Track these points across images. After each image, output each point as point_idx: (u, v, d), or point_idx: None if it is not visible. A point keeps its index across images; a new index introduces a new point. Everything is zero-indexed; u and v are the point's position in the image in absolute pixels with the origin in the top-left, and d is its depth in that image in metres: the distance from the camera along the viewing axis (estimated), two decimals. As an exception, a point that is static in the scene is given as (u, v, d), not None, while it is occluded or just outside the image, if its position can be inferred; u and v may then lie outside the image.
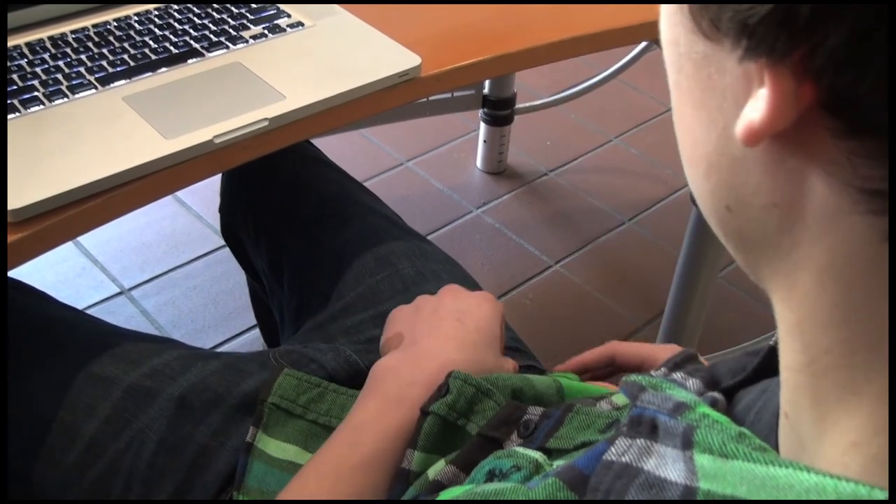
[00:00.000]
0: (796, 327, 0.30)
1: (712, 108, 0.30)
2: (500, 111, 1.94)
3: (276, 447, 0.69)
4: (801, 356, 0.30)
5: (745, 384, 0.42)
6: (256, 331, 1.54)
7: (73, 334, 0.79)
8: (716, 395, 0.39)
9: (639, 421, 0.35)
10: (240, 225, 1.02)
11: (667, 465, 0.31)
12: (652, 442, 0.33)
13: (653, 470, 0.32)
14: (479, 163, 2.03)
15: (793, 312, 0.30)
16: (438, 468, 0.54)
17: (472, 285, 0.88)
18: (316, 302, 0.89)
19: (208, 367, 0.76)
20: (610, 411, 0.51)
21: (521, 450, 0.45)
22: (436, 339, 0.65)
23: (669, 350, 0.73)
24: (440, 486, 0.53)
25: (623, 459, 0.33)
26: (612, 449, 0.34)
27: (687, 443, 0.31)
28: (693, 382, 0.40)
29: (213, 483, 0.70)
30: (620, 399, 0.53)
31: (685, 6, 0.29)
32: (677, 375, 0.42)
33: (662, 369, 0.44)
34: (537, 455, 0.44)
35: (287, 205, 0.96)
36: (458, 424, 0.58)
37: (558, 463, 0.43)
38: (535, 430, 0.53)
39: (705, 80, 0.30)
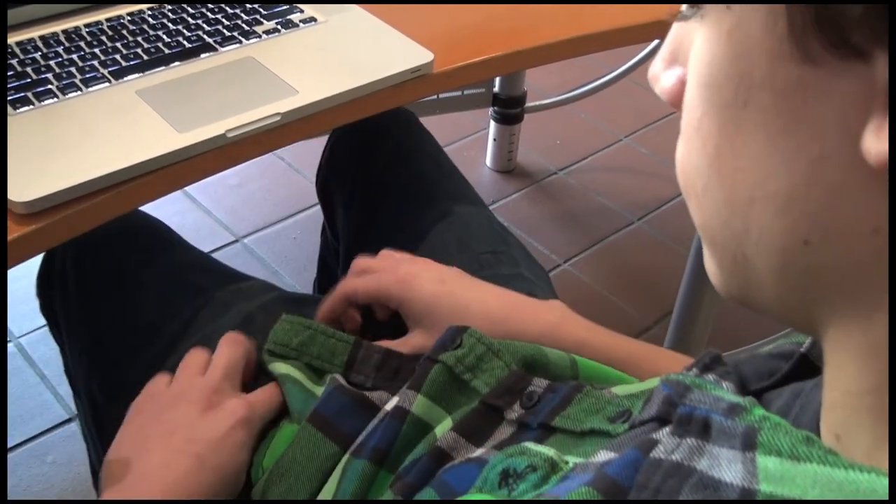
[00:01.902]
0: (870, 350, 0.29)
1: (803, 137, 0.28)
2: (510, 110, 1.93)
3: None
4: (871, 379, 0.30)
5: (774, 387, 0.41)
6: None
7: (185, 246, 0.89)
8: (751, 399, 0.39)
9: (688, 420, 0.34)
10: (338, 182, 1.02)
11: (721, 466, 0.31)
12: (704, 442, 0.32)
13: (706, 470, 0.31)
14: (488, 161, 2.03)
15: (866, 336, 0.30)
16: (445, 427, 0.55)
17: (544, 279, 0.88)
18: None
19: (284, 298, 0.82)
20: (620, 399, 0.51)
21: (532, 446, 0.45)
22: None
23: (402, 287, 0.73)
24: (442, 453, 0.53)
25: (673, 458, 0.33)
26: (660, 447, 0.34)
27: (748, 444, 0.30)
28: (727, 385, 0.39)
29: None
30: (635, 388, 0.53)
31: (777, 33, 0.28)
32: (710, 377, 0.41)
33: (694, 370, 0.43)
34: (551, 453, 0.43)
35: (385, 173, 0.96)
36: (464, 379, 0.58)
37: (574, 461, 0.42)
38: (538, 402, 0.54)
39: (795, 109, 0.28)
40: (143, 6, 0.89)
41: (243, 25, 0.87)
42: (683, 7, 0.33)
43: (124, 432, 0.65)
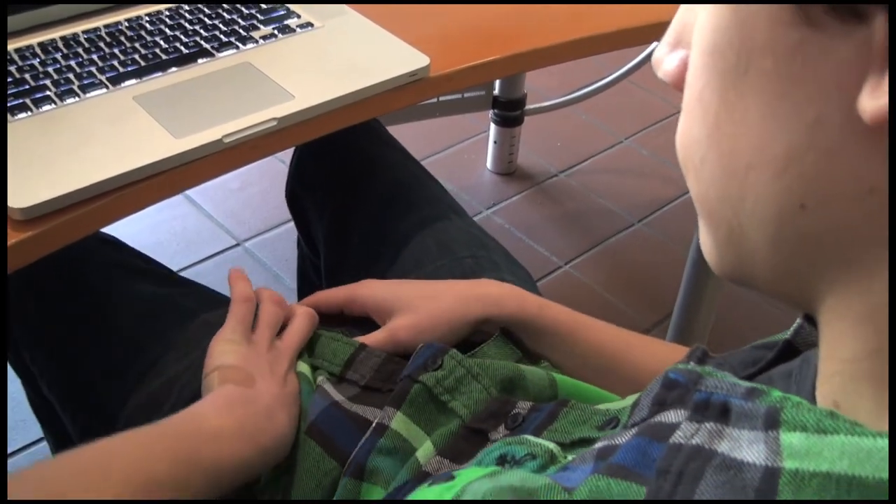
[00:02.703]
0: (869, 313, 0.30)
1: (801, 100, 0.29)
2: (510, 112, 1.94)
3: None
4: (871, 342, 0.30)
5: (759, 373, 0.42)
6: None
7: (168, 272, 0.90)
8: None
9: (706, 405, 0.34)
10: (308, 194, 1.03)
11: (742, 447, 0.31)
12: (723, 426, 0.33)
13: (727, 452, 0.31)
14: (489, 163, 2.03)
15: (863, 300, 0.30)
16: (428, 452, 0.55)
17: (528, 281, 0.88)
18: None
19: None
20: (606, 409, 0.51)
21: (532, 438, 0.45)
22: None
23: (367, 286, 0.76)
24: (427, 476, 0.53)
25: (693, 442, 0.33)
26: (679, 433, 0.34)
27: (772, 423, 0.31)
28: (730, 376, 0.40)
29: None
30: (619, 404, 0.53)
31: None
32: (708, 368, 0.42)
33: (692, 363, 0.44)
34: (552, 445, 0.43)
35: (359, 182, 0.97)
36: (442, 400, 0.59)
37: (572, 455, 0.42)
38: (522, 423, 0.54)
39: (794, 72, 0.29)
40: (142, 12, 0.89)
41: (240, 31, 0.87)
42: None
43: (233, 354, 0.68)
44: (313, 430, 0.64)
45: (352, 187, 0.97)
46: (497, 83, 1.91)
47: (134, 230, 1.78)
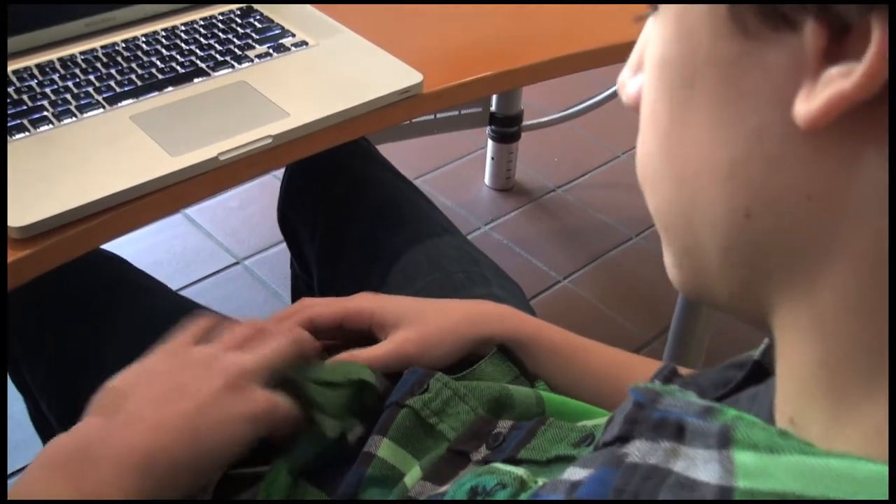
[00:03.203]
0: (817, 323, 0.30)
1: (742, 109, 0.30)
2: (507, 128, 1.95)
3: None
4: (818, 353, 0.31)
5: (729, 395, 0.42)
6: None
7: (161, 291, 0.87)
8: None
9: (662, 424, 0.34)
10: (298, 214, 1.03)
11: (696, 466, 0.31)
12: (678, 444, 0.33)
13: (682, 471, 0.31)
14: (487, 179, 2.04)
15: (811, 310, 0.31)
16: (415, 477, 0.55)
17: (519, 296, 0.89)
18: None
19: None
20: (584, 426, 0.51)
21: (502, 466, 0.45)
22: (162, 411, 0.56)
23: (370, 298, 0.72)
24: (411, 502, 0.53)
25: (649, 461, 0.33)
26: (636, 452, 0.34)
27: (724, 442, 0.31)
28: (690, 395, 0.40)
29: None
30: (599, 420, 0.53)
31: (718, 11, 0.30)
32: (675, 386, 0.42)
33: (657, 381, 0.44)
34: (521, 471, 0.43)
35: (349, 201, 0.97)
36: (430, 423, 0.59)
37: (542, 479, 0.43)
38: (503, 442, 0.54)
39: (734, 82, 0.30)
40: (138, 32, 0.90)
41: (236, 50, 0.88)
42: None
43: (139, 367, 0.60)
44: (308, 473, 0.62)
45: (342, 206, 0.97)
46: (494, 100, 1.92)
47: (133, 250, 1.79)
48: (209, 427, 0.55)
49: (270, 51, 0.89)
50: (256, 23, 0.93)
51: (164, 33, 0.90)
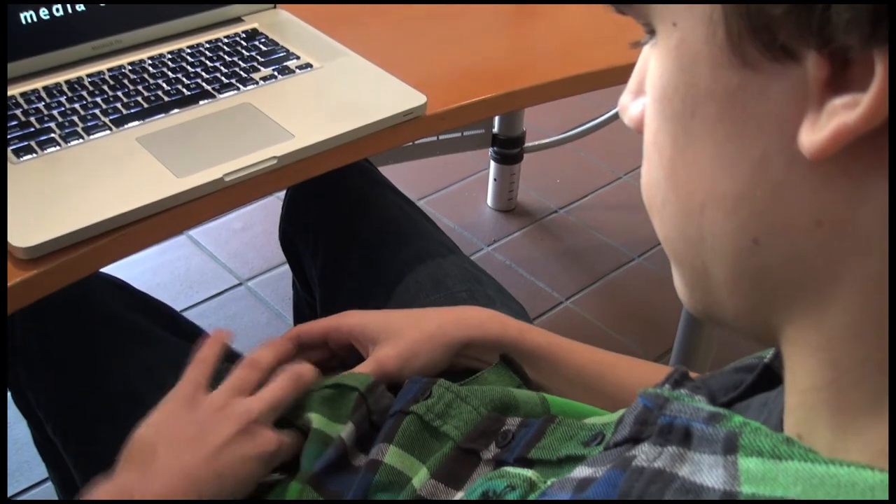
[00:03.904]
0: (824, 344, 0.31)
1: (745, 140, 0.30)
2: (509, 150, 1.96)
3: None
4: (826, 373, 0.31)
5: (740, 399, 0.42)
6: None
7: (174, 315, 0.90)
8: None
9: (669, 429, 0.35)
10: (300, 234, 1.04)
11: (702, 471, 0.31)
12: (685, 449, 0.33)
13: (688, 476, 0.32)
14: (489, 201, 2.05)
15: (819, 331, 0.31)
16: (422, 478, 0.55)
17: (522, 314, 0.89)
18: None
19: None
20: (593, 424, 0.52)
21: (512, 469, 0.45)
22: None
23: (352, 315, 0.74)
24: (423, 502, 0.54)
25: (655, 465, 0.33)
26: (642, 455, 0.34)
27: (730, 447, 0.31)
28: (700, 399, 0.40)
29: None
30: (606, 418, 0.53)
31: (717, 42, 0.30)
32: (684, 391, 0.42)
33: (666, 386, 0.44)
34: (530, 473, 0.44)
35: (351, 221, 0.98)
36: (434, 426, 0.59)
37: (552, 480, 0.43)
38: (512, 440, 0.54)
39: (737, 113, 0.30)
40: (144, 55, 0.91)
41: (241, 73, 0.89)
42: (643, 38, 0.36)
43: (159, 417, 0.66)
44: (313, 477, 0.63)
45: (345, 227, 0.98)
46: (496, 121, 1.93)
47: (137, 271, 1.80)
48: (228, 468, 0.62)
49: (275, 73, 0.90)
50: (261, 45, 0.94)
51: (169, 56, 0.91)
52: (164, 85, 0.87)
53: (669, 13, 0.32)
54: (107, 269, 0.80)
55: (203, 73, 0.89)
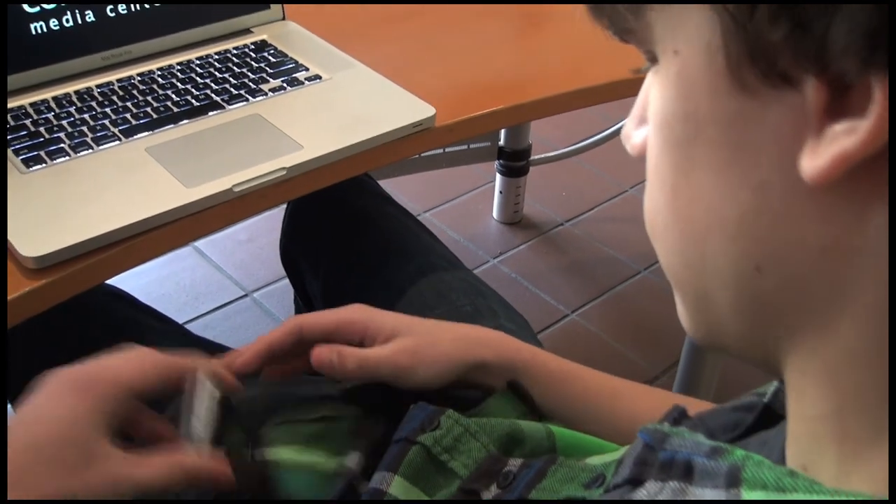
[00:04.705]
0: (826, 369, 0.31)
1: (746, 166, 0.30)
2: (515, 162, 1.96)
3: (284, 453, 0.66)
4: (830, 401, 0.31)
5: (739, 439, 0.42)
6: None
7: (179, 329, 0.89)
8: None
9: (670, 464, 0.34)
10: (300, 250, 1.03)
11: None
12: (686, 484, 0.33)
13: None
14: (495, 213, 2.05)
15: (823, 360, 0.31)
16: None
17: (526, 328, 0.89)
18: None
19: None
20: (595, 466, 0.51)
21: None
22: None
23: (352, 311, 0.70)
24: None
25: (658, 500, 0.33)
26: (643, 491, 0.34)
27: (733, 481, 0.31)
28: (700, 436, 0.41)
29: None
30: (608, 457, 0.53)
31: (716, 69, 0.30)
32: (683, 428, 0.42)
33: (666, 423, 0.44)
34: None
35: (351, 236, 0.97)
36: (442, 460, 0.58)
37: None
38: (513, 480, 0.54)
39: (737, 139, 0.30)
40: (154, 66, 0.91)
41: (250, 84, 0.89)
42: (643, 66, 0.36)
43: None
44: None
45: (346, 242, 0.97)
46: (503, 134, 1.93)
47: (142, 282, 1.80)
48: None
49: (284, 84, 0.90)
50: (270, 57, 0.94)
51: (179, 67, 0.91)
52: (174, 96, 0.87)
53: (671, 41, 0.32)
54: (111, 281, 0.80)
55: (212, 84, 0.89)
